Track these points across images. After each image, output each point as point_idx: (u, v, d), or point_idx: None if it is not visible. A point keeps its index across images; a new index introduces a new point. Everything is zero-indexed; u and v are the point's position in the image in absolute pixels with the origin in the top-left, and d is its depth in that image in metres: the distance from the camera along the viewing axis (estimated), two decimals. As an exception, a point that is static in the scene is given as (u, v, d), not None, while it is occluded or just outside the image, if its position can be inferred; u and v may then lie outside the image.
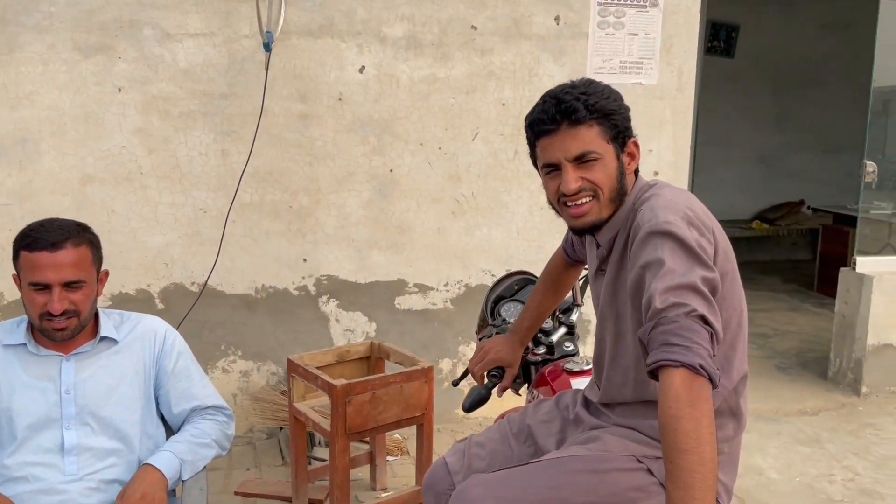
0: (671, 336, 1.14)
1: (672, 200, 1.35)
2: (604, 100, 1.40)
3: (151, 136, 3.10)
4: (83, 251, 1.65)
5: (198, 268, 3.22)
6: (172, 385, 1.80)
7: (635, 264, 1.29)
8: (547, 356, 2.04)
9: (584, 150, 1.40)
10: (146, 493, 1.57)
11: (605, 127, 1.40)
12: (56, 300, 1.59)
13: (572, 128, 1.39)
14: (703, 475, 1.05)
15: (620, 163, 1.43)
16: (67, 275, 1.60)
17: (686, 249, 1.24)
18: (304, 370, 2.62)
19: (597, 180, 1.41)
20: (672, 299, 1.17)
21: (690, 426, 1.07)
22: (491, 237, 3.51)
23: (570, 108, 1.39)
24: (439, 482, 1.58)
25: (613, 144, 1.42)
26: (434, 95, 3.35)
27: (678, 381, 1.11)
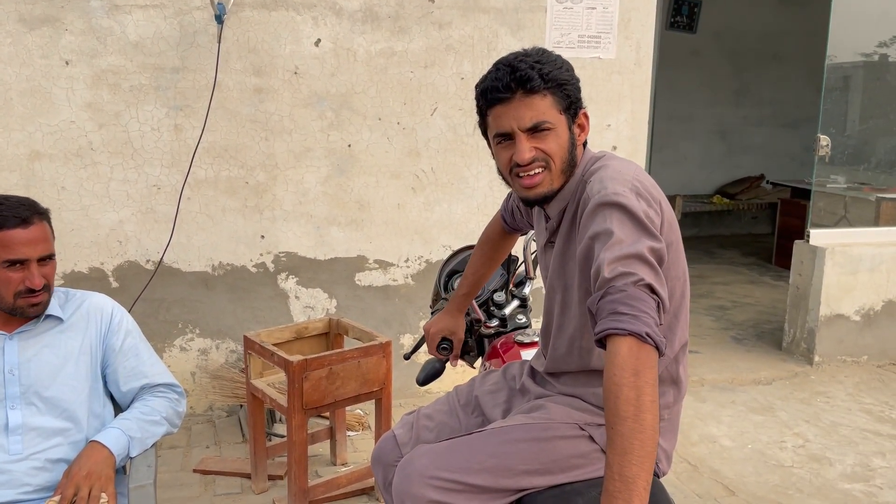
0: (619, 305, 1.15)
1: (620, 171, 1.35)
2: (557, 69, 1.40)
3: (102, 111, 3.02)
4: (46, 227, 1.66)
5: (153, 245, 3.17)
6: (121, 363, 1.78)
7: (584, 235, 1.30)
8: (500, 329, 2.05)
9: (538, 119, 1.38)
10: (92, 471, 1.55)
11: (559, 97, 1.39)
12: (36, 275, 1.59)
13: (527, 97, 1.38)
14: (643, 442, 1.07)
15: (572, 134, 1.43)
16: (42, 250, 1.61)
17: (634, 220, 1.25)
18: (261, 347, 2.61)
19: (550, 150, 1.40)
20: (620, 269, 1.18)
21: (633, 394, 1.09)
22: (451, 212, 3.51)
23: (526, 77, 1.37)
24: (387, 454, 1.59)
25: (566, 115, 1.41)
26: (392, 69, 3.31)
27: (625, 349, 1.12)
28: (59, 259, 3.05)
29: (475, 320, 2.02)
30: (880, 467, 2.99)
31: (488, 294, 2.08)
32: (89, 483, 1.53)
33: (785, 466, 3.00)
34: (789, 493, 2.79)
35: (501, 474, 1.37)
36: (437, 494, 1.36)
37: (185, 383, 3.32)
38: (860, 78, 4.96)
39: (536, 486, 1.37)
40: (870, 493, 2.78)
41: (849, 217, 4.89)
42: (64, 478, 1.55)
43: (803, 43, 7.14)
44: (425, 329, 1.87)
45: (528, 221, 1.73)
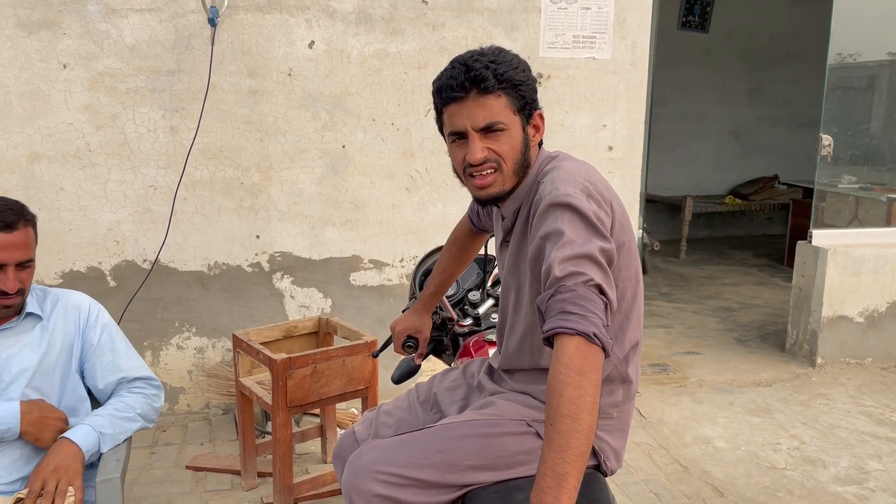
0: (568, 304, 1.15)
1: (571, 172, 1.36)
2: (512, 70, 1.40)
3: (99, 113, 3.08)
4: (30, 232, 1.67)
5: (149, 245, 3.23)
6: (98, 358, 1.81)
7: (536, 235, 1.30)
8: (474, 328, 2.06)
9: (491, 120, 1.39)
10: (60, 465, 1.58)
11: (513, 97, 1.39)
12: (10, 279, 1.61)
13: (481, 96, 1.38)
14: (579, 442, 1.07)
15: (526, 134, 1.44)
16: (22, 255, 1.63)
17: (585, 221, 1.25)
18: (248, 345, 2.64)
19: (502, 152, 1.41)
20: (570, 268, 1.19)
21: (575, 393, 1.09)
22: (446, 213, 3.52)
23: (480, 77, 1.37)
24: (346, 450, 1.61)
25: (520, 116, 1.41)
26: (386, 71, 3.34)
27: (572, 348, 1.12)
28: (58, 259, 3.13)
29: (448, 319, 2.03)
30: (875, 470, 2.94)
31: (464, 293, 2.09)
32: (56, 477, 1.57)
33: (777, 468, 2.97)
34: (779, 495, 2.76)
35: (447, 469, 1.38)
36: (383, 489, 1.37)
37: (181, 381, 3.37)
38: (865, 77, 4.89)
39: (482, 481, 1.38)
40: (862, 497, 2.74)
41: (859, 217, 4.82)
42: (33, 473, 1.59)
43: (817, 42, 7.01)
44: (391, 327, 1.89)
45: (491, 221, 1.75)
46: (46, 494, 1.54)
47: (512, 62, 1.42)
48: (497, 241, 1.57)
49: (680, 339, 4.48)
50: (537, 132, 1.47)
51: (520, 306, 1.47)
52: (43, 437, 1.62)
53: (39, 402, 1.67)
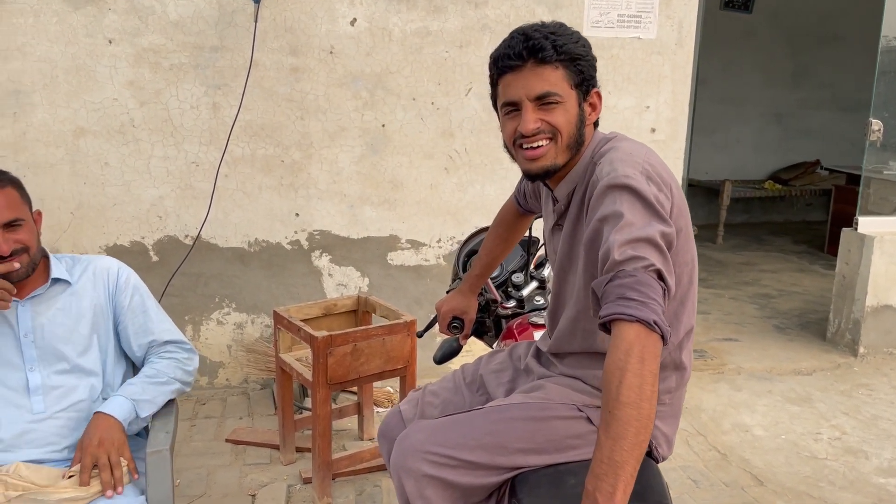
0: (628, 290, 1.13)
1: (630, 154, 1.33)
2: (572, 43, 1.37)
3: (143, 89, 3.11)
4: (9, 192, 1.65)
5: (191, 221, 3.26)
6: (130, 321, 1.83)
7: (593, 217, 1.28)
8: (517, 310, 2.05)
9: (546, 90, 1.36)
10: (103, 438, 1.61)
11: (571, 71, 1.37)
12: (1, 241, 1.61)
13: (538, 66, 1.36)
14: (637, 430, 1.06)
15: (581, 111, 1.41)
16: (3, 216, 1.61)
17: (645, 204, 1.23)
18: (289, 322, 2.66)
19: (556, 123, 1.38)
20: (630, 252, 1.16)
21: (636, 381, 1.07)
22: (484, 193, 3.50)
23: (538, 46, 1.35)
24: (392, 429, 1.61)
25: (577, 91, 1.39)
26: (427, 49, 3.31)
27: (632, 335, 1.10)
28: (102, 233, 3.17)
29: (491, 301, 2.02)
30: (920, 464, 2.89)
31: (507, 275, 2.08)
32: (105, 450, 1.59)
33: (818, 458, 2.92)
34: (820, 485, 2.72)
35: (496, 451, 1.38)
36: (432, 469, 1.37)
37: (221, 356, 3.42)
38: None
39: (531, 464, 1.38)
40: (906, 490, 2.69)
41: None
42: (78, 451, 1.61)
43: (864, 23, 6.82)
44: (437, 308, 1.88)
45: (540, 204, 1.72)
46: (102, 467, 1.56)
47: (573, 36, 1.39)
48: (547, 225, 1.55)
49: (717, 326, 4.42)
50: (594, 111, 1.44)
51: (572, 290, 1.45)
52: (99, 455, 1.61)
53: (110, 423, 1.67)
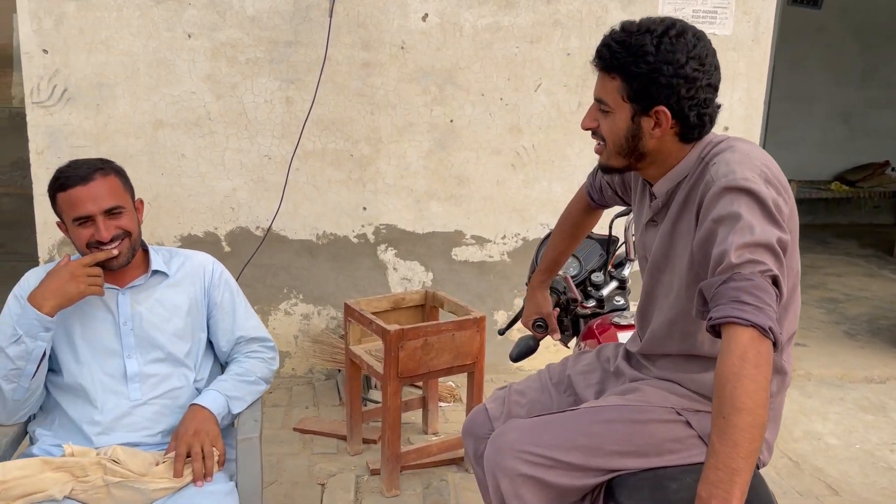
0: (743, 294, 1.12)
1: (748, 156, 1.30)
2: (636, 57, 1.30)
3: (219, 83, 3.17)
4: (112, 180, 1.70)
5: (262, 213, 3.32)
6: (221, 316, 1.88)
7: (706, 218, 1.25)
8: (596, 310, 2.03)
9: (598, 96, 1.40)
10: (199, 429, 1.65)
11: (627, 84, 1.33)
12: (102, 228, 1.65)
13: (601, 72, 1.39)
14: (753, 437, 1.05)
15: (636, 125, 1.36)
16: (105, 203, 1.66)
17: (763, 207, 1.21)
18: (360, 315, 2.69)
19: (602, 131, 1.41)
20: (748, 256, 1.15)
21: (752, 387, 1.06)
22: (551, 190, 3.48)
23: (599, 54, 1.38)
24: (478, 427, 1.62)
25: (632, 104, 1.34)
26: (497, 45, 3.30)
27: (746, 339, 1.09)
28: (177, 223, 3.26)
29: (571, 300, 2.01)
30: None
31: (586, 274, 2.06)
32: (199, 440, 1.63)
33: (895, 470, 2.84)
34: (899, 498, 2.64)
35: (593, 453, 1.37)
36: (528, 468, 1.37)
37: (287, 346, 3.48)
38: None
39: (628, 467, 1.37)
40: None
41: None
42: (173, 440, 1.65)
43: (943, 18, 6.57)
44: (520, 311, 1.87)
45: (622, 198, 1.70)
46: (195, 456, 1.60)
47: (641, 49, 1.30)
48: (640, 221, 1.53)
49: (784, 330, 4.31)
50: (657, 127, 1.36)
51: (670, 290, 1.43)
52: (194, 445, 1.64)
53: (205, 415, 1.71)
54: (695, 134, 1.37)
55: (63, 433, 1.68)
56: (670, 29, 1.32)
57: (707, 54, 1.33)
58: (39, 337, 1.61)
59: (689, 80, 1.31)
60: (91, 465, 1.55)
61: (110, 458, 1.57)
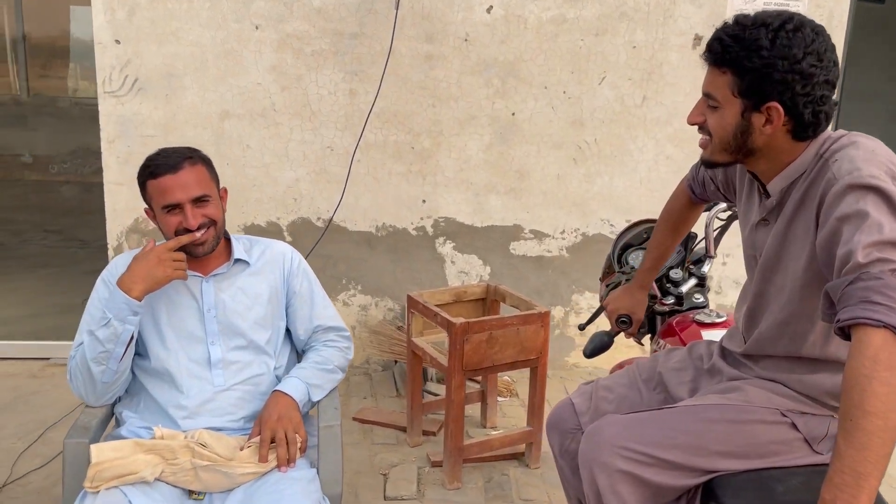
0: (873, 293, 1.09)
1: (874, 153, 1.26)
2: (750, 52, 1.27)
3: (285, 74, 3.20)
4: (200, 169, 1.73)
5: (323, 204, 3.34)
6: (299, 305, 1.90)
7: (829, 217, 1.22)
8: (675, 307, 2.00)
9: (706, 90, 1.37)
10: (282, 415, 1.67)
11: (738, 79, 1.30)
12: (190, 216, 1.69)
13: (710, 67, 1.35)
14: (884, 441, 1.02)
15: (746, 121, 1.33)
16: (193, 191, 1.69)
17: (891, 205, 1.17)
18: (424, 307, 2.69)
19: (709, 126, 1.37)
20: (876, 254, 1.12)
21: (883, 390, 1.03)
22: (612, 186, 3.44)
23: (710, 48, 1.34)
24: (565, 421, 1.60)
25: (742, 100, 1.31)
26: (562, 37, 3.27)
27: (878, 341, 1.06)
28: (241, 213, 3.30)
29: (651, 296, 1.98)
30: None
31: (664, 270, 2.03)
32: (283, 426, 1.65)
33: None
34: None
35: (694, 452, 1.34)
36: (626, 465, 1.36)
37: (345, 336, 3.50)
38: None
39: (730, 468, 1.34)
40: None
41: None
42: (256, 425, 1.68)
43: None
44: (605, 304, 1.84)
45: (724, 195, 1.66)
46: (280, 442, 1.62)
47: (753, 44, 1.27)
48: (749, 219, 1.49)
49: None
50: (769, 124, 1.32)
51: (783, 291, 1.39)
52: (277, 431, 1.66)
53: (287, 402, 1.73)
54: (809, 132, 1.33)
55: (149, 416, 1.71)
56: (787, 23, 1.28)
57: (826, 49, 1.28)
58: (128, 321, 1.64)
59: (805, 77, 1.26)
60: (180, 448, 1.57)
61: (198, 442, 1.59)
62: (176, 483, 1.59)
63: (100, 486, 1.49)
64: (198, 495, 1.61)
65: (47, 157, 6.84)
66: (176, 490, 1.59)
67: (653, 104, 3.34)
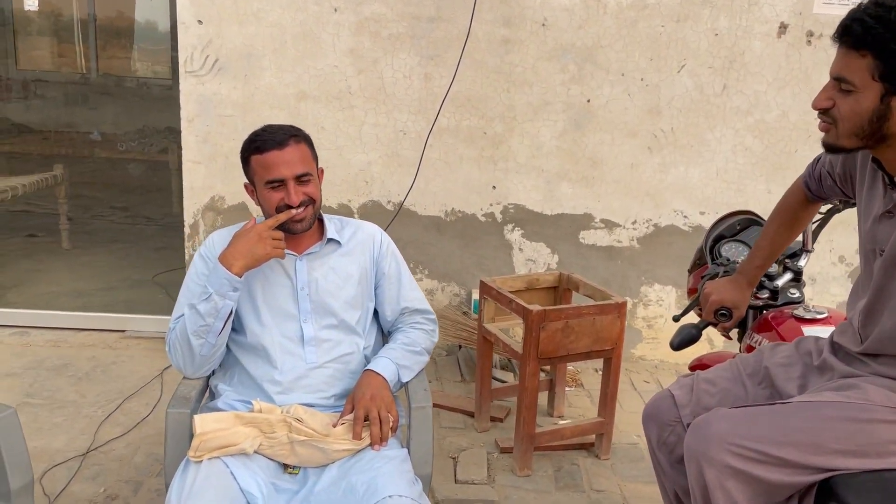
0: None
1: None
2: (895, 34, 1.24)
3: (361, 57, 3.21)
4: (303, 147, 1.76)
5: (394, 187, 3.35)
6: (387, 286, 1.91)
7: None
8: (769, 301, 1.95)
9: (840, 74, 1.31)
10: (375, 394, 1.68)
11: (881, 62, 1.26)
12: (293, 192, 1.70)
13: (847, 48, 1.30)
14: None
15: (885, 105, 1.28)
16: (297, 168, 1.71)
17: None
18: (498, 293, 2.68)
19: (840, 110, 1.32)
20: None
21: None
22: (687, 176, 3.37)
23: (847, 29, 1.29)
24: (664, 413, 1.58)
25: (883, 83, 1.27)
26: (642, 23, 3.20)
27: None
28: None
29: (745, 289, 1.93)
30: None
31: (756, 262, 1.97)
32: (376, 405, 1.66)
33: None
34: None
35: (810, 450, 1.31)
36: (737, 462, 1.33)
37: (411, 320, 3.52)
38: None
39: (848, 467, 1.30)
40: None
41: None
42: (349, 403, 1.69)
43: None
44: (706, 294, 1.78)
45: (842, 189, 1.60)
46: (373, 420, 1.64)
47: None
48: (871, 211, 1.43)
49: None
50: None
51: None
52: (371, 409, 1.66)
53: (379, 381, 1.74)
54: None
55: (243, 389, 1.74)
56: None
57: None
58: (228, 296, 1.67)
59: None
60: (277, 422, 1.60)
61: (294, 417, 1.61)
62: (273, 456, 1.61)
63: (203, 456, 1.53)
64: (293, 469, 1.64)
65: (114, 135, 7.02)
66: (272, 463, 1.62)
67: (733, 93, 3.25)
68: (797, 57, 3.20)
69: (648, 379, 3.41)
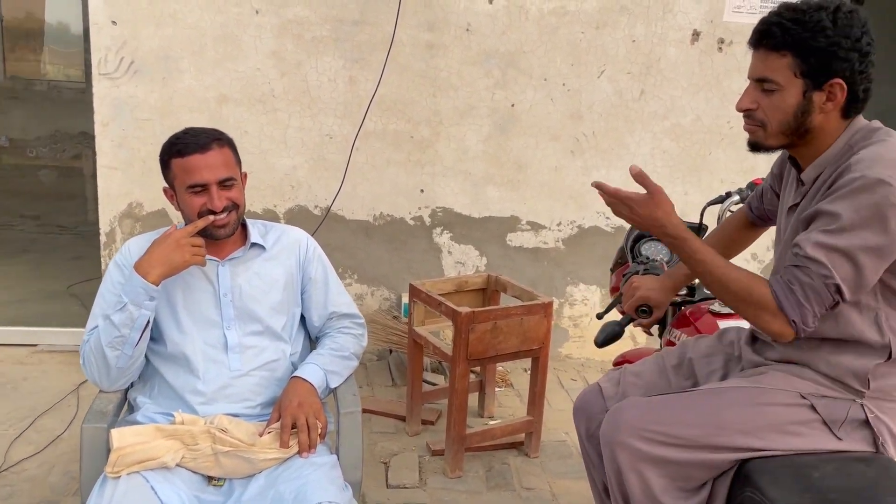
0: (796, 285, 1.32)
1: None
2: (809, 33, 1.34)
3: (284, 60, 3.16)
4: (227, 151, 1.72)
5: (321, 192, 3.32)
6: (314, 291, 1.88)
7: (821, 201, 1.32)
8: (687, 298, 2.02)
9: (763, 75, 1.40)
10: (303, 401, 1.66)
11: (801, 60, 1.35)
12: (216, 197, 1.66)
13: (767, 51, 1.39)
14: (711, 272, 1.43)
15: (807, 101, 1.38)
16: (220, 173, 1.67)
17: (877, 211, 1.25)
18: (428, 296, 2.69)
19: (764, 110, 1.41)
20: (822, 258, 1.29)
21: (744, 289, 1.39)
22: (609, 178, 3.42)
23: (766, 32, 1.39)
24: (592, 405, 1.62)
25: (805, 80, 1.37)
26: (562, 29, 3.28)
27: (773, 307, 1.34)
28: (239, 199, 3.25)
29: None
30: None
31: (678, 260, 2.04)
32: (304, 412, 1.63)
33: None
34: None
35: (713, 430, 1.39)
36: (646, 445, 1.39)
37: (340, 325, 3.48)
38: None
39: (752, 446, 1.37)
40: None
41: None
42: (275, 411, 1.66)
43: None
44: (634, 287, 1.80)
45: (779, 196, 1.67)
46: (301, 428, 1.61)
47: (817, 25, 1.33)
48: (784, 206, 1.53)
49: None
50: (830, 101, 1.38)
51: None
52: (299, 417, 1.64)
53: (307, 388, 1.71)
54: (857, 108, 1.40)
55: (164, 401, 1.68)
56: (840, 6, 1.35)
57: (871, 30, 1.37)
58: (144, 305, 1.61)
59: (863, 54, 1.35)
60: (200, 433, 1.56)
61: (218, 427, 1.57)
62: (196, 469, 1.57)
63: (121, 472, 1.47)
64: (217, 481, 1.59)
65: (24, 140, 6.68)
66: (196, 476, 1.58)
67: (650, 98, 3.37)
68: (709, 63, 3.34)
69: (576, 377, 3.48)
